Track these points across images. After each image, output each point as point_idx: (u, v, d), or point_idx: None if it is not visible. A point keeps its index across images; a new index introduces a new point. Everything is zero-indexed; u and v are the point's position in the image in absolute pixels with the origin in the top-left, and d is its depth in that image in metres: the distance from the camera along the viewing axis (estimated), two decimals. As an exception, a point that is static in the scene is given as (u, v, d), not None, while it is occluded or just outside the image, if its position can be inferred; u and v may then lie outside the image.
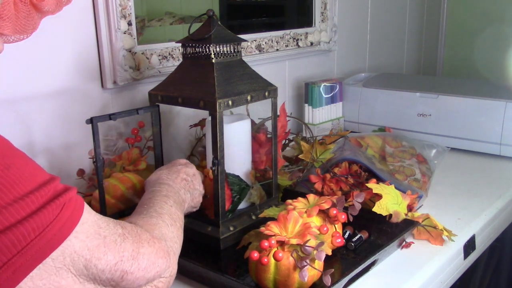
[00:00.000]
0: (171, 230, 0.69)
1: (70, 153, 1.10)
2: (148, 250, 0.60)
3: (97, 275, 0.54)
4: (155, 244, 0.62)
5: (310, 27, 1.64)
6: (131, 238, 0.58)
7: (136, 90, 1.19)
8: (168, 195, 0.77)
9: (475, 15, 2.32)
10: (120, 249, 0.56)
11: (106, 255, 0.54)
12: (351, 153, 1.12)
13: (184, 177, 0.84)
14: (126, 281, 0.57)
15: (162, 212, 0.71)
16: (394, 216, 0.92)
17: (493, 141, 1.36)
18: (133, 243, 0.58)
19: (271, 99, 0.96)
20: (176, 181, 0.83)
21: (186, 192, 0.83)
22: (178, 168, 0.86)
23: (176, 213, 0.74)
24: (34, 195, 0.49)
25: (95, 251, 0.53)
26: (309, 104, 1.58)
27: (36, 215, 0.48)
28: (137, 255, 0.58)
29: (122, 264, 0.56)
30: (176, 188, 0.81)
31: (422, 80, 1.89)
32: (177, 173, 0.84)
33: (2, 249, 0.46)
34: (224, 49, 0.90)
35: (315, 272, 0.74)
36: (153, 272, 0.60)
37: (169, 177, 0.83)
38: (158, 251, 0.62)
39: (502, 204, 1.11)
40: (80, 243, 0.52)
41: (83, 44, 1.08)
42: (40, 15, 0.68)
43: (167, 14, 1.37)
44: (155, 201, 0.74)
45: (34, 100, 1.03)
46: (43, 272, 0.50)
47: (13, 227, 0.46)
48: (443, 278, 0.89)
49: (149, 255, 0.60)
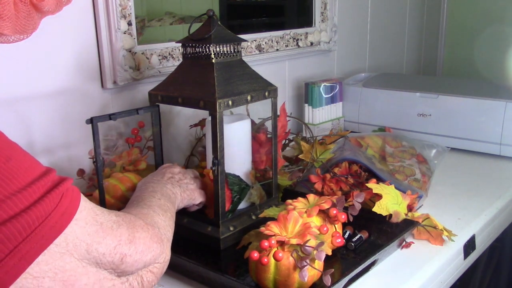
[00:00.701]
0: (163, 219, 0.72)
1: (70, 153, 1.10)
2: (143, 234, 0.63)
3: (99, 258, 0.57)
4: (149, 230, 0.65)
5: (310, 27, 1.64)
6: (125, 224, 0.62)
7: (136, 90, 1.19)
8: (155, 190, 0.80)
9: (475, 15, 2.32)
10: (117, 233, 0.59)
11: (105, 239, 0.57)
12: (351, 153, 1.12)
13: (169, 175, 0.88)
14: (125, 264, 0.60)
15: (152, 205, 0.74)
16: (394, 216, 0.92)
17: (493, 141, 1.36)
18: (128, 228, 0.62)
19: (271, 99, 0.96)
20: (162, 179, 0.86)
21: (174, 186, 0.86)
22: (162, 170, 0.91)
23: (165, 205, 0.77)
24: (35, 185, 0.51)
25: (94, 236, 0.56)
26: (309, 104, 1.58)
27: (38, 204, 0.50)
28: (133, 239, 0.61)
29: (120, 247, 0.59)
30: (162, 183, 0.84)
31: (422, 80, 1.89)
32: (162, 174, 0.89)
33: (9, 237, 0.48)
34: (224, 49, 0.90)
35: (315, 272, 0.74)
36: (149, 256, 0.63)
37: (154, 178, 0.87)
38: (152, 236, 0.65)
39: (502, 204, 1.11)
40: (80, 229, 0.55)
41: (83, 44, 1.08)
42: (40, 15, 0.68)
43: (167, 14, 1.37)
44: (143, 197, 0.77)
45: (34, 100, 1.02)
46: (48, 258, 0.52)
47: (18, 216, 0.48)
48: (443, 278, 0.89)
49: (145, 239, 0.63)
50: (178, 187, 0.86)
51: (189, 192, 0.89)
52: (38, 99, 1.03)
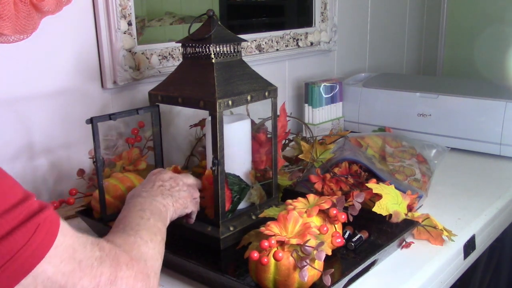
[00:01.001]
0: (151, 247, 0.66)
1: (70, 153, 1.10)
2: (127, 273, 0.57)
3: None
4: (133, 267, 0.59)
5: (310, 27, 1.64)
6: (108, 261, 0.56)
7: (136, 90, 1.19)
8: (143, 209, 0.73)
9: (475, 15, 2.32)
10: (97, 273, 0.53)
11: (82, 279, 0.52)
12: (351, 153, 1.12)
13: (159, 184, 0.82)
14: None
15: (139, 229, 0.68)
16: (394, 216, 0.92)
17: (493, 141, 1.36)
18: (111, 266, 0.56)
19: (271, 99, 0.96)
20: (152, 190, 0.80)
21: (166, 196, 0.79)
22: (152, 178, 0.84)
23: (155, 226, 0.71)
24: (8, 215, 0.46)
25: (70, 276, 0.51)
26: (309, 104, 1.58)
27: (6, 239, 0.45)
28: (115, 279, 0.55)
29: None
30: (151, 196, 0.78)
31: (422, 80, 1.89)
32: (151, 182, 0.82)
33: None
34: (224, 49, 0.90)
35: (315, 272, 0.74)
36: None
37: (144, 188, 0.80)
38: (137, 274, 0.59)
39: (502, 204, 1.11)
40: (53, 268, 0.49)
41: (83, 44, 1.08)
42: (40, 15, 0.68)
43: (167, 14, 1.37)
44: (131, 218, 0.71)
45: (34, 100, 1.03)
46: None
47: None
48: (443, 278, 0.89)
49: (128, 279, 0.57)
50: (169, 196, 0.80)
51: (182, 200, 0.82)
52: (38, 99, 1.03)
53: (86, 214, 0.96)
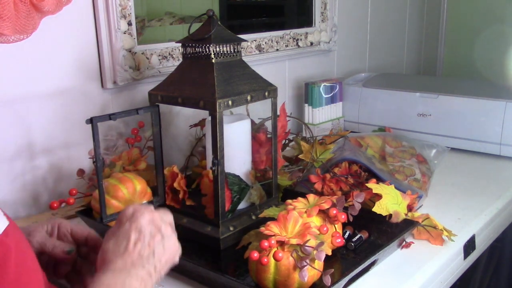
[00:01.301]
0: None
1: (70, 153, 1.10)
2: None
3: None
4: None
5: (310, 27, 1.64)
6: None
7: (136, 90, 1.19)
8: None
9: (475, 15, 2.32)
10: None
11: None
12: (351, 153, 1.12)
13: (135, 239, 0.62)
14: None
15: None
16: (394, 216, 0.92)
17: (493, 141, 1.36)
18: None
19: (271, 99, 0.96)
20: (127, 255, 0.60)
21: (146, 262, 0.61)
22: (125, 228, 0.63)
23: None
24: None
25: None
26: (309, 104, 1.57)
27: None
28: None
29: None
30: (126, 270, 0.59)
31: (422, 80, 1.89)
32: (126, 239, 0.62)
33: None
34: (224, 49, 0.90)
35: (315, 272, 0.74)
36: None
37: (117, 253, 0.61)
38: None
39: (502, 204, 1.11)
40: None
41: (83, 44, 1.08)
42: (40, 15, 0.68)
43: (167, 14, 1.37)
44: None
45: (34, 100, 1.03)
46: None
47: None
48: (443, 278, 0.89)
49: None
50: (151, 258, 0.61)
51: (168, 254, 0.64)
52: (38, 99, 1.03)
53: (86, 214, 0.96)
